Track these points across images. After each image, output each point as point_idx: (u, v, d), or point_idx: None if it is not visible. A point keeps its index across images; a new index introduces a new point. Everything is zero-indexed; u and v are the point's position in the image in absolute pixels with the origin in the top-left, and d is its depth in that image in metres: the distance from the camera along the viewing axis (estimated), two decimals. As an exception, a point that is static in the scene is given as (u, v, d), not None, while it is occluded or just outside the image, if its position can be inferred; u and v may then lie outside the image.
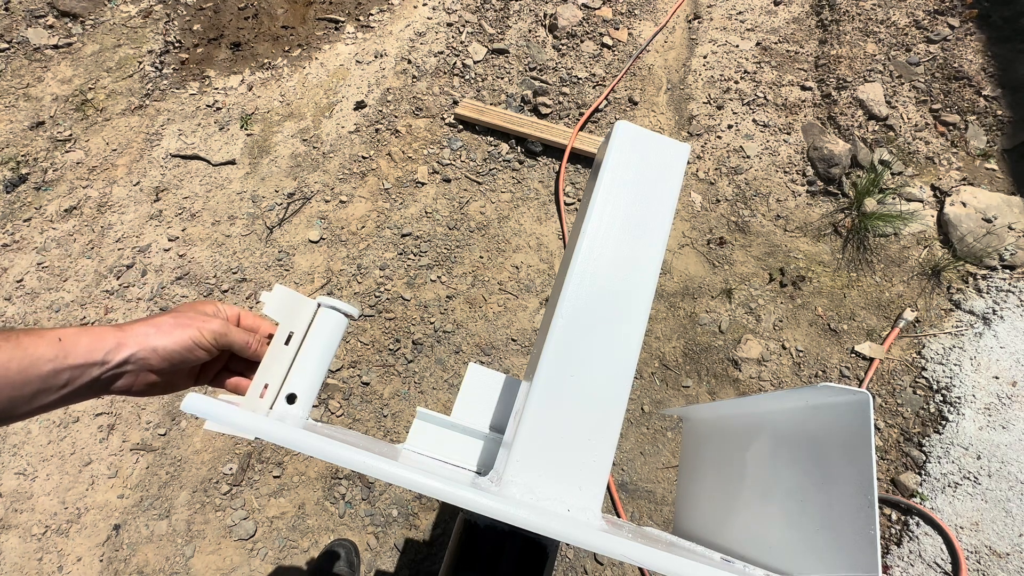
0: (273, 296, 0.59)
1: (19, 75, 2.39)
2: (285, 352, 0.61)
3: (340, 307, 0.63)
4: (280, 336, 0.60)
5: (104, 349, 0.49)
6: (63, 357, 0.47)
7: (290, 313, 0.61)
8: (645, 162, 0.64)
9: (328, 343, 0.63)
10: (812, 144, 2.17)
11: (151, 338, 0.52)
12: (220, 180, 2.19)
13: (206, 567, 1.59)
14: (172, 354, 0.53)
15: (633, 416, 1.80)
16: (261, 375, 0.58)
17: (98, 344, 0.49)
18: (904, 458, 1.71)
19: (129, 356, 0.51)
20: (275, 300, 0.59)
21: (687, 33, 2.55)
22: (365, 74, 2.40)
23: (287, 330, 0.60)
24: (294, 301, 0.61)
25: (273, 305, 0.59)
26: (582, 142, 2.17)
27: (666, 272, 2.02)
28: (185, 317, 0.55)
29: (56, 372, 0.47)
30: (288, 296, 0.61)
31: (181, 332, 0.53)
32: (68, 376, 0.47)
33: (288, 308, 0.61)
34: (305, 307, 0.63)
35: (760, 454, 0.68)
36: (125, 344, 0.51)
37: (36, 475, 1.70)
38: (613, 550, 0.44)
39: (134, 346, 0.51)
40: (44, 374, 0.46)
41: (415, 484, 0.44)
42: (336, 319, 0.63)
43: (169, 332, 0.53)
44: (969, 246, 1.94)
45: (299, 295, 0.62)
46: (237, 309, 0.62)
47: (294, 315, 0.62)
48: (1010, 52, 2.27)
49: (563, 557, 1.62)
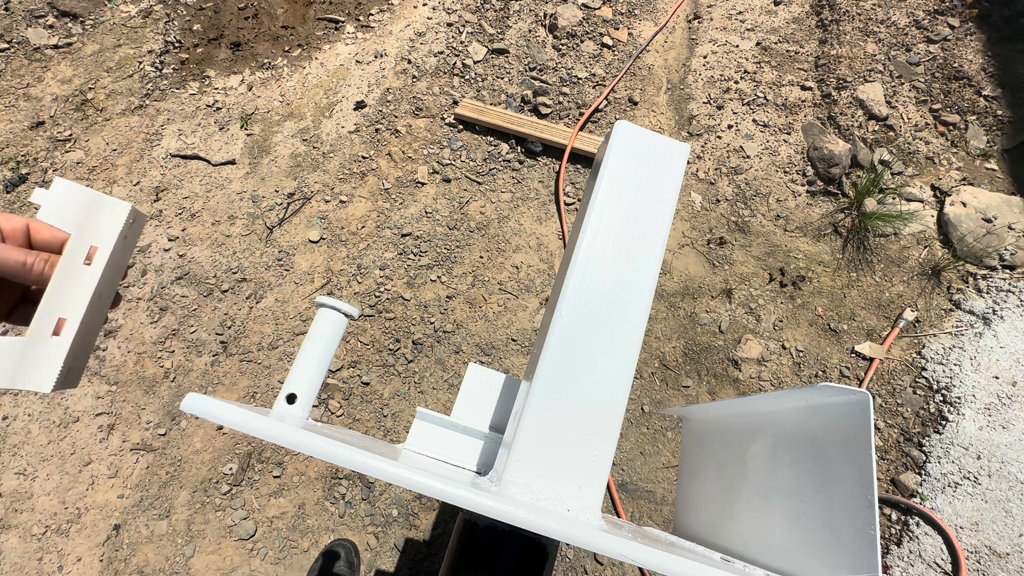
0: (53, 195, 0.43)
1: (19, 75, 2.39)
2: (86, 274, 0.44)
3: (340, 307, 0.63)
4: (75, 251, 0.44)
5: None
6: None
7: (87, 220, 0.45)
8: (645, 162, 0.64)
9: (328, 343, 0.63)
10: (812, 144, 2.17)
11: None
12: (220, 180, 2.19)
13: (206, 567, 1.59)
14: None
15: (633, 416, 1.80)
16: (49, 305, 0.43)
17: None
18: (904, 458, 1.71)
19: None
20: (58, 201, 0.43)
21: (687, 33, 2.55)
22: (365, 74, 2.40)
23: (86, 243, 0.45)
24: (92, 202, 0.45)
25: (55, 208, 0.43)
26: (582, 142, 2.17)
27: (666, 272, 2.02)
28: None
29: None
30: (80, 195, 0.44)
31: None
32: None
33: (83, 213, 0.45)
34: (108, 209, 0.45)
35: (760, 454, 0.68)
36: None
37: (36, 475, 1.70)
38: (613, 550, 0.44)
39: None
40: None
41: (415, 484, 0.44)
42: (336, 319, 0.63)
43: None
44: (969, 246, 1.94)
45: (98, 193, 0.45)
46: (22, 220, 0.44)
47: (92, 222, 0.45)
48: (1010, 52, 2.27)
49: (563, 557, 1.62)
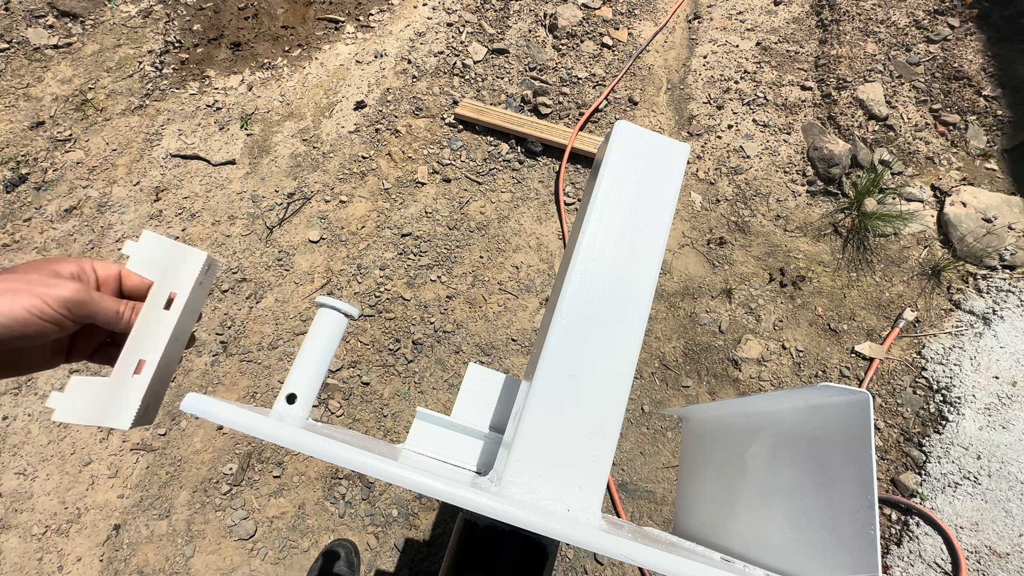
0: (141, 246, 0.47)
1: (19, 75, 2.39)
2: (165, 319, 0.48)
3: (340, 307, 0.63)
4: (156, 298, 0.48)
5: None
6: None
7: (170, 268, 0.49)
8: (645, 162, 0.64)
9: (328, 343, 0.63)
10: (812, 144, 2.17)
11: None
12: (220, 180, 2.19)
13: (206, 567, 1.59)
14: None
15: (633, 416, 1.80)
16: (132, 349, 0.47)
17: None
18: (904, 458, 1.71)
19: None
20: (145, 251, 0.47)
21: (687, 33, 2.55)
22: (365, 74, 2.40)
23: (166, 290, 0.49)
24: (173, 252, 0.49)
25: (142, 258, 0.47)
26: (582, 142, 2.17)
27: (666, 272, 2.02)
28: (20, 280, 0.42)
29: None
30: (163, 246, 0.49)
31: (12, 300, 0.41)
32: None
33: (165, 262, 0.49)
34: (189, 260, 0.49)
35: (760, 454, 0.68)
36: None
37: (36, 475, 1.70)
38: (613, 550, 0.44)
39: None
40: None
41: (415, 484, 0.44)
42: (336, 319, 0.63)
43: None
44: (969, 246, 1.94)
45: (179, 244, 0.50)
46: (116, 267, 0.48)
47: (174, 271, 0.49)
48: (1010, 52, 2.27)
49: (563, 557, 1.62)
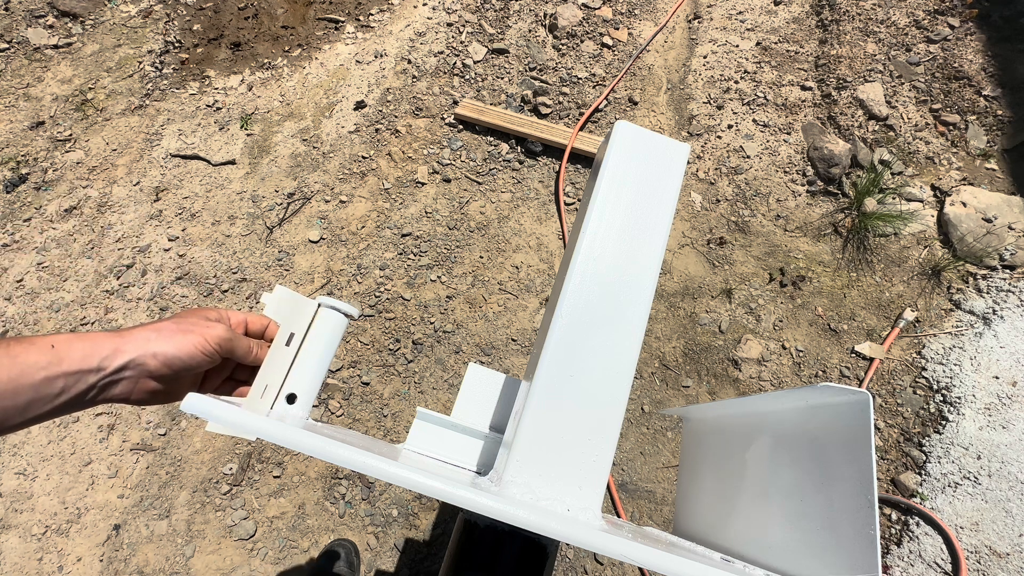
0: (274, 296, 0.60)
1: (19, 75, 2.39)
2: (285, 353, 0.61)
3: (340, 307, 0.63)
4: (280, 337, 0.60)
5: (100, 355, 0.48)
6: (56, 364, 0.45)
7: (291, 314, 0.61)
8: (645, 162, 0.64)
9: (328, 343, 0.63)
10: (812, 144, 2.17)
11: (151, 343, 0.50)
12: (220, 180, 2.19)
13: (206, 567, 1.59)
14: (173, 360, 0.51)
15: (633, 416, 1.80)
16: (262, 377, 0.57)
17: (94, 350, 0.47)
18: (904, 458, 1.71)
19: (128, 362, 0.49)
20: (276, 301, 0.60)
21: (687, 33, 2.55)
22: (365, 74, 2.40)
23: (287, 331, 0.60)
24: (295, 301, 0.61)
25: (274, 306, 0.59)
26: (582, 142, 2.17)
27: (666, 272, 2.02)
28: (187, 323, 0.53)
29: (49, 380, 0.45)
30: (289, 297, 0.61)
31: (183, 338, 0.51)
32: (62, 384, 0.46)
33: (289, 309, 0.61)
34: (305, 307, 0.63)
35: (760, 454, 0.68)
36: (123, 350, 0.49)
37: (36, 475, 1.70)
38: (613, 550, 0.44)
39: (133, 351, 0.49)
40: (36, 382, 0.44)
41: (415, 484, 0.44)
42: (336, 319, 0.63)
43: (170, 337, 0.51)
44: (969, 246, 1.94)
45: (300, 296, 0.62)
46: (243, 315, 0.61)
47: (295, 316, 0.61)
48: (1010, 52, 2.27)
49: (563, 557, 1.62)
